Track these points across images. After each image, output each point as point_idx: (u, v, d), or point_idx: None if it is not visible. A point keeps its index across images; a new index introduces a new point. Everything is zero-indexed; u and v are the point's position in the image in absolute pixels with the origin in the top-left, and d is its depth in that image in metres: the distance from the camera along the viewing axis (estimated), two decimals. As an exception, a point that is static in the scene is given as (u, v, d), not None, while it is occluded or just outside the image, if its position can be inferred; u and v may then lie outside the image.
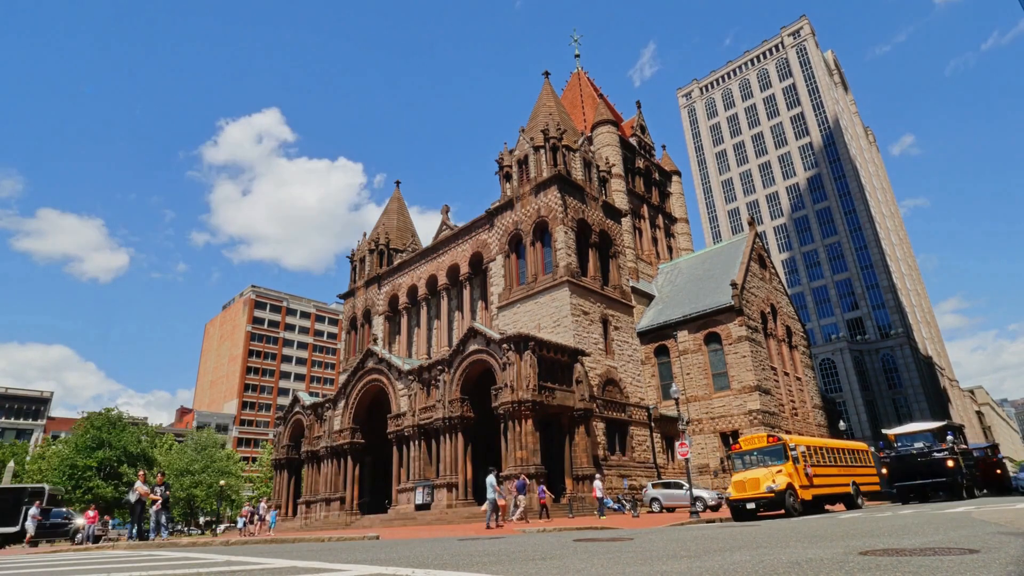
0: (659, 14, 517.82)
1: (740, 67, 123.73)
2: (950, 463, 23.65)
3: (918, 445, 25.22)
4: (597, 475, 29.41)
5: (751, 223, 47.71)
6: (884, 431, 29.19)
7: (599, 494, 26.95)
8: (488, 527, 20.24)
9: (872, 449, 31.20)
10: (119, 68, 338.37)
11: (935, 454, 24.22)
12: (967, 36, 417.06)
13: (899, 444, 26.06)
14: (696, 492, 27.25)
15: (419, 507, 33.70)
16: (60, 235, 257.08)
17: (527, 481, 26.90)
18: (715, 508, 28.36)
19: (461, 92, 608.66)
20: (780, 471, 19.95)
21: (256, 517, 36.35)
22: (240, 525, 38.52)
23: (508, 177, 43.77)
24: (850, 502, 24.28)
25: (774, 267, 48.80)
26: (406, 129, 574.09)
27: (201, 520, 77.20)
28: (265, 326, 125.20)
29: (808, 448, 22.68)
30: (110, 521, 41.85)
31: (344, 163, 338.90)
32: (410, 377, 37.55)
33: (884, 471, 26.92)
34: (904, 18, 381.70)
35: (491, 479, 22.24)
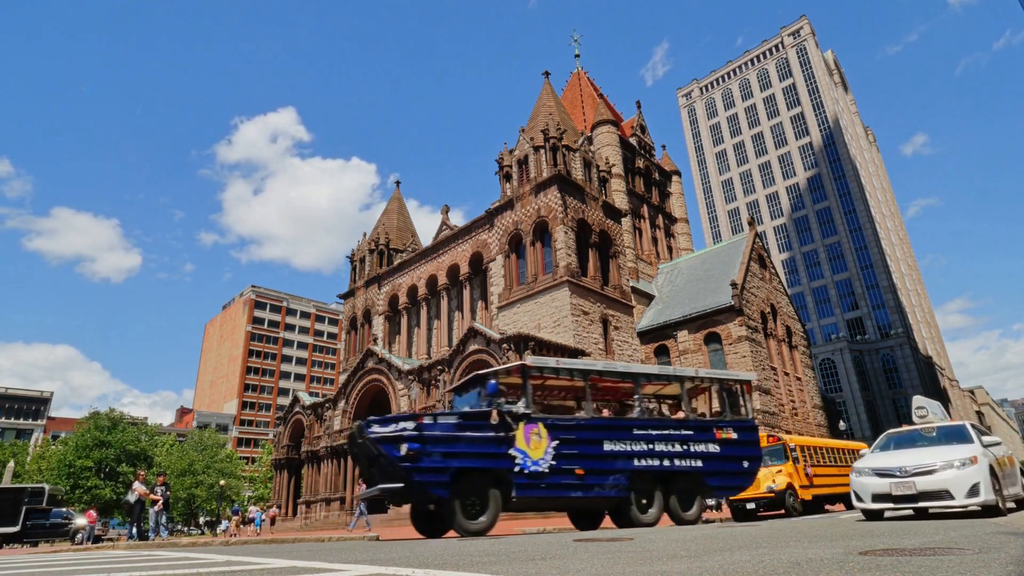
0: (669, 13, 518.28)
1: (740, 67, 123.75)
2: None
3: None
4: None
5: (751, 223, 47.71)
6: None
7: None
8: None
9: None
10: (136, 67, 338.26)
11: None
12: (979, 35, 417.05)
13: None
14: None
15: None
16: (73, 235, 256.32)
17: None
18: (716, 507, 28.42)
19: (466, 92, 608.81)
20: (780, 471, 19.97)
21: (243, 520, 36.35)
22: (223, 527, 38.55)
23: (508, 177, 43.78)
24: (850, 502, 24.27)
25: (774, 267, 48.80)
26: (417, 128, 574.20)
27: (201, 520, 77.23)
28: (265, 326, 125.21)
29: (808, 448, 22.69)
30: (110, 522, 41.84)
31: (358, 163, 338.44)
32: (410, 377, 37.55)
33: None
34: (916, 18, 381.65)
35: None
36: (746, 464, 13.94)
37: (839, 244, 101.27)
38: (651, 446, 12.61)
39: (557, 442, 11.68)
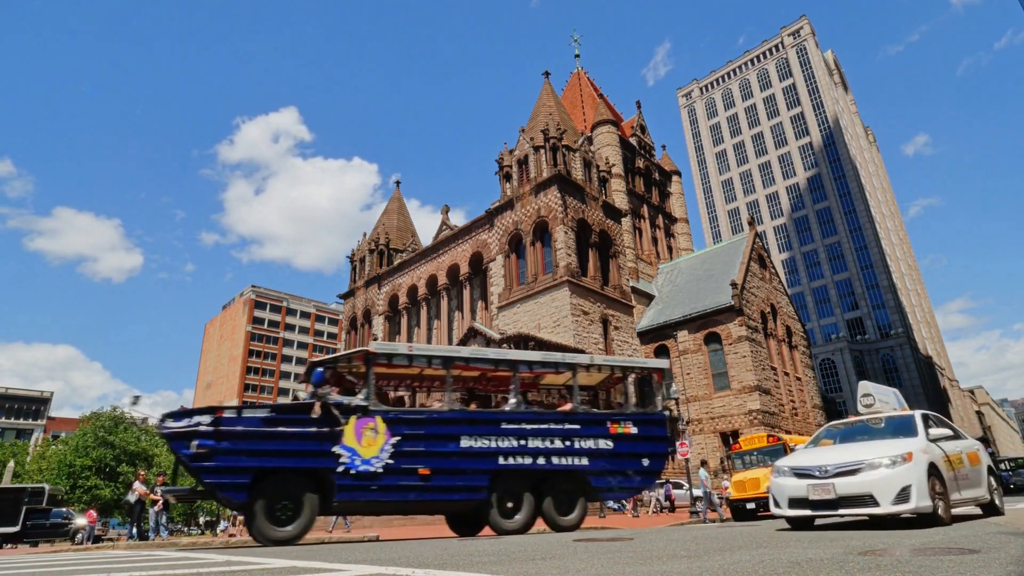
0: (670, 13, 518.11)
1: (740, 67, 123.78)
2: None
3: None
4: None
5: (751, 223, 47.72)
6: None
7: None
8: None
9: None
10: (138, 67, 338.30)
11: None
12: (980, 35, 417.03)
13: None
14: (696, 492, 27.29)
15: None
16: (75, 235, 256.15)
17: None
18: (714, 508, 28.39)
19: (466, 92, 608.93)
20: (780, 471, 19.95)
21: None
22: (223, 527, 38.60)
23: (508, 177, 43.79)
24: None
25: (774, 267, 48.81)
26: (418, 129, 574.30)
27: (201, 520, 77.21)
28: (265, 326, 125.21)
29: (808, 448, 22.67)
30: (110, 522, 41.81)
31: (359, 163, 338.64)
32: (410, 377, 37.58)
33: None
34: (918, 18, 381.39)
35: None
36: (646, 462, 12.48)
37: (839, 244, 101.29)
38: (523, 442, 11.32)
39: (398, 438, 10.54)
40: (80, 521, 29.28)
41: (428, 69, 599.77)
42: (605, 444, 12.02)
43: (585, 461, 11.75)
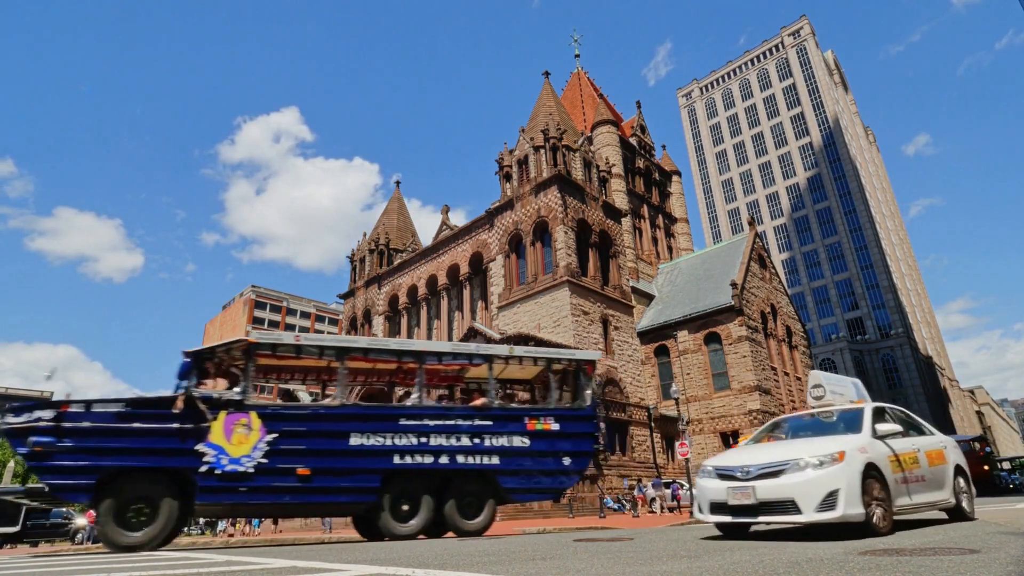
0: (672, 13, 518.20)
1: (740, 67, 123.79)
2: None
3: None
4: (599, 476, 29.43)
5: (751, 223, 47.72)
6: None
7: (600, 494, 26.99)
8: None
9: None
10: (140, 67, 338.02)
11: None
12: (982, 35, 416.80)
13: None
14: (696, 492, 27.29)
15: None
16: (76, 235, 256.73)
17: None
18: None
19: (467, 92, 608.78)
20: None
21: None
22: (223, 527, 38.59)
23: (508, 177, 43.79)
24: None
25: (774, 267, 48.81)
26: (419, 129, 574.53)
27: (201, 520, 77.15)
28: (265, 326, 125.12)
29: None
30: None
31: (360, 163, 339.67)
32: (410, 377, 37.55)
33: None
34: (919, 18, 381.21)
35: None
36: (568, 461, 11.70)
37: (839, 244, 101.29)
38: (424, 439, 10.58)
39: (275, 435, 9.76)
40: (80, 521, 29.29)
41: (429, 69, 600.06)
42: (521, 442, 11.30)
43: (496, 460, 11.05)
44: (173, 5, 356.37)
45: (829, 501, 6.31)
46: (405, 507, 10.51)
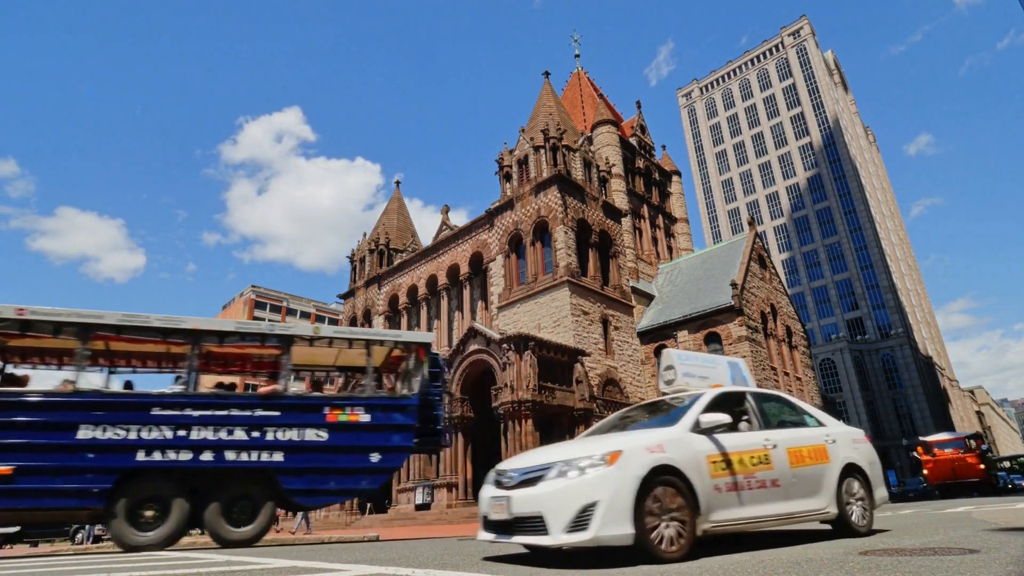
0: (673, 13, 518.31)
1: (740, 67, 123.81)
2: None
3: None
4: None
5: (751, 223, 47.72)
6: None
7: None
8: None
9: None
10: (142, 67, 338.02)
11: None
12: (983, 35, 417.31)
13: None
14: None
15: (419, 507, 33.73)
16: (78, 234, 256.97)
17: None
18: None
19: (468, 92, 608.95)
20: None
21: None
22: None
23: (508, 177, 43.80)
24: None
25: (774, 267, 48.82)
26: (421, 129, 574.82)
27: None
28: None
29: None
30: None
31: (362, 163, 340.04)
32: (410, 377, 37.53)
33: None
34: (921, 18, 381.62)
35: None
36: (376, 458, 10.19)
37: (839, 244, 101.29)
38: (182, 432, 9.14)
39: None
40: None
41: (430, 70, 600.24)
42: (316, 435, 9.86)
43: (279, 456, 9.59)
44: (175, 5, 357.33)
45: (581, 520, 4.83)
46: (149, 512, 9.06)
